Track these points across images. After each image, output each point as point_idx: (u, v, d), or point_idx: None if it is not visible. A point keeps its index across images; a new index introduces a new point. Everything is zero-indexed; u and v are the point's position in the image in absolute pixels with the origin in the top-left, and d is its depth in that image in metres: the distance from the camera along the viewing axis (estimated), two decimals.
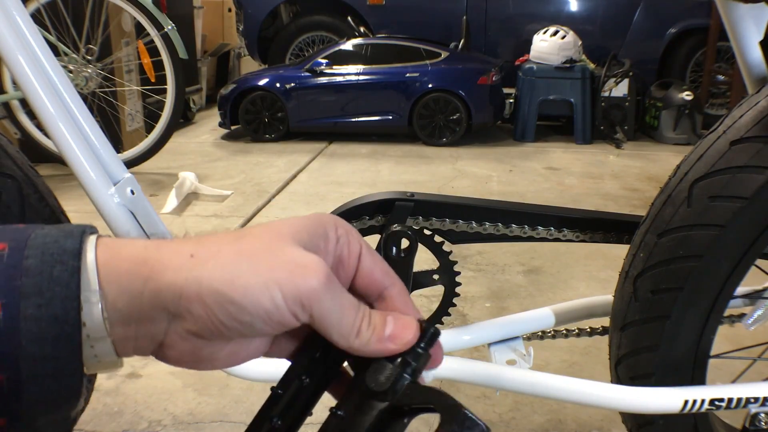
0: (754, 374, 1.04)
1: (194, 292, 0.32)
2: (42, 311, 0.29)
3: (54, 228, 0.32)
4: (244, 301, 0.32)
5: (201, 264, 0.32)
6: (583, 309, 0.93)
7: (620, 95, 4.32)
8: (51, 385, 0.30)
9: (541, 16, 4.81)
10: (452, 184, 3.35)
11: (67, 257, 0.30)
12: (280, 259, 0.33)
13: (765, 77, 0.88)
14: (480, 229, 0.86)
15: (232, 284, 0.32)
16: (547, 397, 0.83)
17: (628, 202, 3.05)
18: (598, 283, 2.12)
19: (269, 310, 0.32)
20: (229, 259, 0.33)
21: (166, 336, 0.33)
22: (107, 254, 0.32)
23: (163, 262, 0.32)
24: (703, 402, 0.79)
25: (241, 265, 0.32)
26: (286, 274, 0.33)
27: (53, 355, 0.30)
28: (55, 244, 0.31)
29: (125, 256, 0.32)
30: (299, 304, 0.33)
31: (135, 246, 0.33)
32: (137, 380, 1.56)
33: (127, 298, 0.32)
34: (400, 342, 0.36)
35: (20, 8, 0.71)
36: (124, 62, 3.57)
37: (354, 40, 4.45)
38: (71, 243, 0.31)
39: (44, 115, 0.71)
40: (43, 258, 0.30)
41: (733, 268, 0.75)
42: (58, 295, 0.30)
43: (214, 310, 0.32)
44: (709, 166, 0.74)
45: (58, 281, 0.30)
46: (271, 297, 0.32)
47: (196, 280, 0.32)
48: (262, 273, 0.32)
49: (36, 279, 0.30)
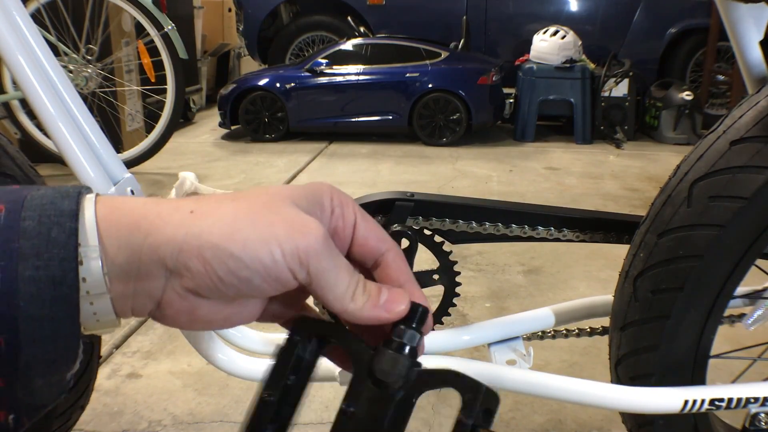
0: (754, 374, 1.04)
1: (194, 246, 0.32)
2: (40, 273, 0.29)
3: (50, 189, 0.32)
4: (243, 255, 0.32)
5: (201, 219, 0.32)
6: (583, 309, 0.93)
7: (620, 95, 4.32)
8: (49, 347, 0.30)
9: (541, 16, 4.81)
10: (452, 184, 3.35)
11: (64, 219, 0.30)
12: (279, 217, 0.33)
13: (765, 77, 0.88)
14: (480, 229, 0.86)
15: (232, 238, 0.32)
16: (547, 397, 0.83)
17: (628, 202, 3.05)
18: (598, 283, 2.12)
19: (268, 265, 0.32)
20: (228, 215, 0.33)
21: (164, 293, 0.33)
22: (106, 210, 0.32)
23: (163, 218, 0.32)
24: (703, 402, 0.79)
25: (240, 221, 0.32)
26: (285, 231, 0.33)
27: (51, 316, 0.30)
28: (52, 205, 0.31)
29: (125, 211, 0.32)
30: (297, 260, 0.33)
31: (135, 203, 0.33)
32: (137, 380, 1.56)
33: (126, 253, 0.32)
34: (394, 311, 0.36)
35: (20, 8, 0.71)
36: (124, 62, 3.57)
37: (354, 40, 4.45)
38: (68, 204, 0.31)
39: (44, 115, 0.71)
40: (40, 219, 0.30)
41: (733, 268, 0.75)
42: (56, 257, 0.30)
43: (213, 265, 0.32)
44: (709, 166, 0.74)
45: (56, 243, 0.30)
46: (270, 251, 0.32)
47: (196, 235, 0.32)
48: (262, 229, 0.32)
49: (34, 241, 0.30)
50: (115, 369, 1.61)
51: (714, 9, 4.19)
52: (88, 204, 0.32)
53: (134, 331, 1.80)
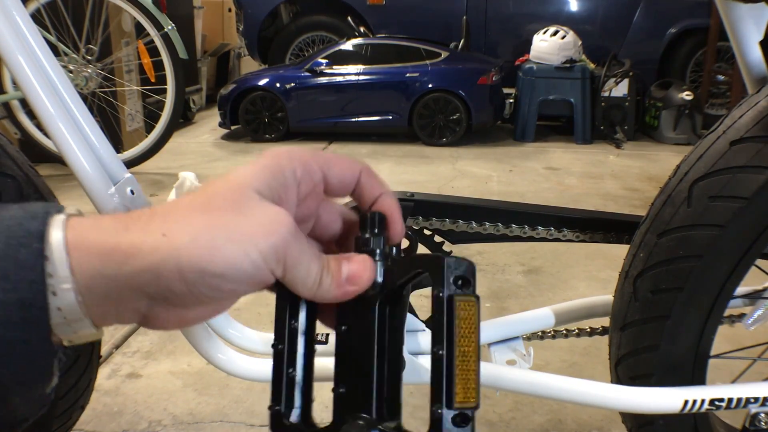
0: (754, 374, 1.04)
1: (174, 271, 0.31)
2: (9, 296, 0.29)
3: (19, 208, 0.31)
4: (227, 272, 0.32)
5: (175, 242, 0.32)
6: (583, 309, 0.93)
7: (620, 95, 4.32)
8: (22, 367, 0.30)
9: (541, 16, 4.81)
10: (452, 184, 3.35)
11: (31, 240, 0.30)
12: (250, 220, 0.33)
13: (765, 77, 0.88)
14: (480, 229, 0.86)
15: (212, 258, 0.32)
16: (547, 397, 0.83)
17: (628, 202, 3.05)
18: (598, 283, 2.12)
19: (251, 272, 0.33)
20: (202, 232, 0.32)
21: (149, 310, 0.33)
22: (76, 237, 0.31)
23: (136, 245, 0.31)
24: (703, 402, 0.79)
25: (216, 237, 0.32)
26: (260, 233, 0.33)
27: (23, 338, 0.29)
28: (20, 226, 0.30)
29: (95, 239, 0.31)
30: (275, 258, 0.34)
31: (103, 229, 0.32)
32: (137, 380, 1.56)
33: (101, 280, 0.31)
34: (359, 282, 0.37)
35: (20, 8, 0.71)
36: (124, 62, 3.57)
37: (354, 40, 4.45)
38: (35, 225, 0.30)
39: (44, 115, 0.71)
40: (7, 241, 0.30)
41: (733, 268, 0.75)
42: (24, 279, 0.29)
43: (197, 285, 0.32)
44: (709, 166, 0.74)
45: (24, 265, 0.29)
46: (251, 261, 0.33)
47: (174, 259, 0.31)
48: (238, 239, 0.33)
49: (1, 263, 0.29)
50: (115, 369, 1.61)
51: (714, 9, 4.19)
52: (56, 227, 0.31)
53: (134, 331, 1.80)
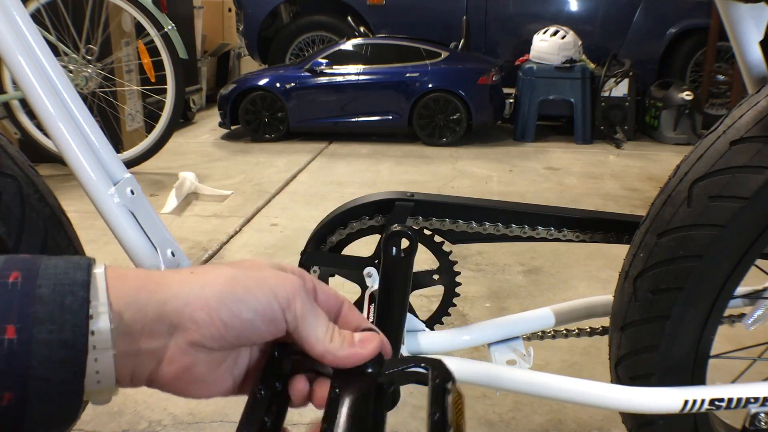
0: (754, 374, 1.04)
1: (199, 298, 0.36)
2: (53, 336, 0.32)
3: (62, 259, 0.35)
4: (245, 297, 0.37)
5: (201, 277, 0.37)
6: (583, 309, 0.93)
7: (620, 95, 4.32)
8: (53, 406, 0.33)
9: (541, 16, 4.81)
10: (452, 184, 3.35)
11: (77, 288, 0.33)
12: (266, 272, 0.39)
13: (765, 77, 0.88)
14: (480, 229, 0.86)
15: (233, 287, 0.37)
16: (547, 397, 0.83)
17: (628, 202, 3.05)
18: (598, 283, 2.13)
19: (265, 304, 0.37)
20: (226, 272, 0.38)
21: (166, 350, 0.36)
22: (116, 273, 0.36)
23: (167, 277, 0.37)
24: (703, 402, 0.79)
25: (237, 275, 0.38)
26: (274, 280, 0.38)
27: (59, 378, 0.32)
28: (66, 275, 0.33)
29: (132, 275, 0.36)
30: (287, 301, 0.38)
31: (139, 269, 0.37)
32: None
33: (133, 309, 0.35)
34: (367, 348, 0.41)
35: (20, 8, 0.71)
36: (124, 62, 3.57)
37: (354, 40, 4.45)
38: (80, 275, 0.34)
39: (44, 115, 0.71)
40: (54, 288, 0.33)
41: (733, 268, 0.75)
42: (68, 322, 0.32)
43: (218, 312, 0.36)
44: (709, 166, 0.74)
45: (69, 309, 0.32)
46: (265, 294, 0.38)
47: (200, 288, 0.37)
48: (256, 279, 0.38)
49: (49, 307, 0.32)
50: None
51: (714, 9, 4.20)
52: (97, 270, 0.35)
53: None
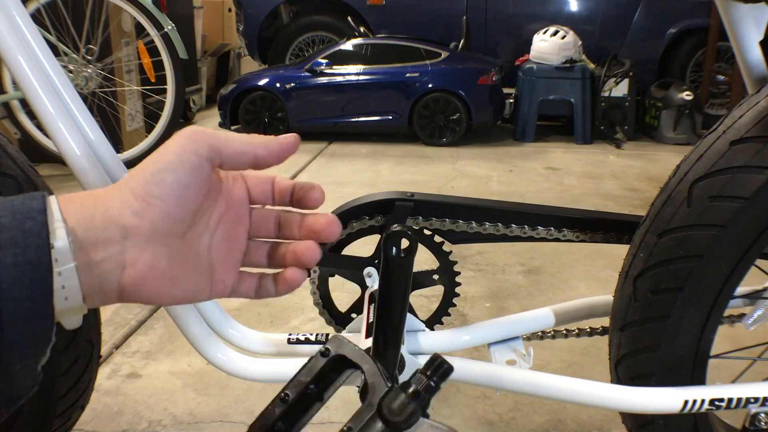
0: (754, 374, 1.04)
1: (130, 194, 0.39)
2: (19, 258, 0.34)
3: (18, 196, 0.37)
4: (160, 166, 0.40)
5: (130, 179, 0.40)
6: (583, 309, 0.93)
7: (620, 95, 4.32)
8: (28, 326, 0.35)
9: (541, 16, 4.81)
10: (452, 184, 3.35)
11: (35, 214, 0.36)
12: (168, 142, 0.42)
13: (765, 77, 0.88)
14: (480, 229, 0.86)
15: (148, 167, 0.40)
16: (547, 397, 0.83)
17: (628, 202, 3.05)
18: (598, 283, 2.12)
19: (178, 159, 0.40)
20: (141, 165, 0.41)
21: (125, 254, 0.39)
22: (66, 197, 0.39)
23: (107, 190, 0.40)
24: (703, 402, 0.79)
25: (148, 160, 0.41)
26: (176, 138, 0.41)
27: (30, 297, 0.34)
28: (23, 205, 0.36)
29: (78, 196, 0.40)
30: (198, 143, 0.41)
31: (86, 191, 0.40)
32: (137, 380, 1.56)
33: (85, 223, 0.38)
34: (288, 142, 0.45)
35: (20, 8, 0.71)
36: (124, 62, 3.57)
37: (354, 40, 4.45)
38: (36, 203, 0.36)
39: (44, 115, 0.71)
40: (14, 216, 0.35)
41: (733, 268, 0.75)
42: (31, 244, 0.35)
43: (148, 192, 0.39)
44: (709, 166, 0.74)
45: (31, 233, 0.35)
46: (174, 150, 0.41)
47: (127, 182, 0.40)
48: (163, 149, 0.41)
49: (11, 233, 0.34)
50: (115, 369, 1.61)
51: (714, 9, 4.20)
52: (52, 200, 0.38)
53: (134, 331, 1.80)
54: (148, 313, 1.89)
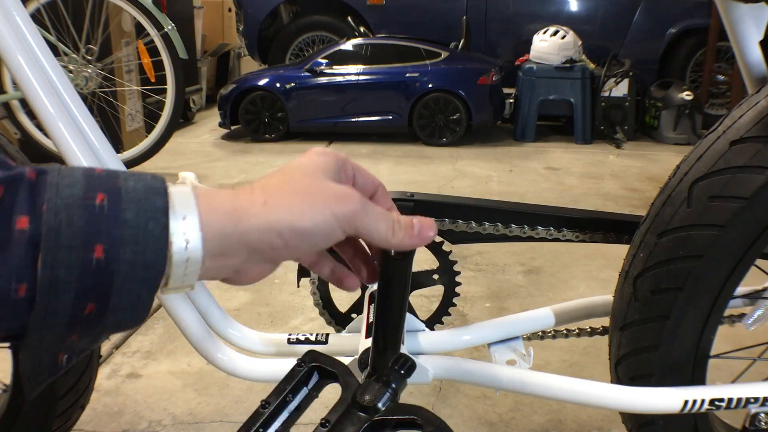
0: (754, 374, 1.04)
1: (274, 229, 0.41)
2: (137, 257, 0.36)
3: (139, 181, 0.38)
4: (311, 228, 0.42)
5: (274, 209, 0.41)
6: (583, 309, 0.93)
7: (620, 95, 4.32)
8: (127, 315, 0.37)
9: (541, 16, 4.81)
10: (452, 184, 3.35)
11: (158, 215, 0.37)
12: (325, 193, 0.43)
13: (765, 77, 0.88)
14: (480, 229, 0.86)
15: (302, 218, 0.41)
16: (547, 397, 0.83)
17: (628, 202, 3.05)
18: (598, 283, 2.13)
19: (327, 232, 0.42)
20: (294, 202, 0.42)
21: (243, 265, 0.42)
22: (206, 203, 0.39)
23: (246, 209, 0.41)
24: (703, 402, 0.79)
25: (304, 203, 0.42)
26: (334, 203, 0.42)
27: (136, 292, 0.36)
28: (147, 201, 0.37)
29: (219, 205, 0.40)
30: (348, 223, 0.43)
31: (223, 197, 0.41)
32: (137, 380, 1.56)
33: (220, 239, 0.40)
34: (425, 238, 0.48)
35: (20, 8, 0.71)
36: (124, 62, 3.57)
37: (354, 40, 4.45)
38: (160, 202, 0.37)
39: (44, 116, 0.71)
40: (138, 213, 0.36)
41: (733, 268, 0.75)
42: (151, 246, 0.36)
43: (290, 240, 0.41)
44: (708, 167, 0.74)
45: (152, 234, 0.36)
46: (329, 224, 0.42)
47: (276, 220, 0.41)
48: (320, 205, 0.42)
49: (133, 230, 0.36)
50: (115, 369, 1.61)
51: (714, 9, 4.19)
52: (184, 199, 0.39)
53: (134, 331, 1.80)
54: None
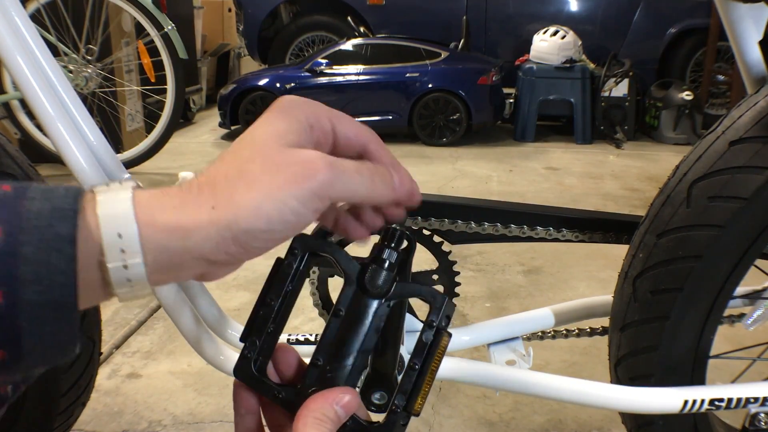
0: (754, 374, 1.04)
1: (228, 238, 0.35)
2: (42, 297, 0.31)
3: (46, 202, 0.32)
4: (272, 226, 0.36)
5: (224, 213, 0.35)
6: (583, 309, 0.93)
7: (620, 95, 4.32)
8: (48, 353, 0.33)
9: (541, 16, 4.81)
10: (452, 184, 3.35)
11: (63, 245, 0.32)
12: (284, 172, 0.36)
13: (764, 77, 0.88)
14: (479, 229, 0.86)
15: (257, 218, 0.35)
16: (547, 397, 0.83)
17: (628, 202, 3.05)
18: (598, 283, 2.12)
19: (293, 221, 0.36)
20: (244, 197, 0.35)
21: (195, 271, 0.37)
22: (146, 218, 0.34)
23: (194, 220, 0.35)
24: (703, 402, 0.79)
25: (257, 198, 0.35)
26: (295, 183, 0.36)
27: (53, 332, 0.32)
28: (50, 229, 0.32)
29: (160, 219, 0.34)
30: (316, 200, 0.36)
31: (165, 207, 0.35)
32: (137, 380, 1.56)
33: (167, 255, 0.35)
34: (406, 188, 0.42)
35: (19, 8, 0.71)
36: (124, 62, 3.57)
37: (354, 40, 4.45)
38: (66, 229, 0.32)
39: (43, 116, 0.71)
40: (39, 246, 0.31)
41: (732, 269, 0.75)
42: (56, 283, 0.31)
43: (250, 243, 0.36)
44: (708, 167, 0.74)
45: (56, 269, 0.31)
46: (292, 210, 0.36)
47: (226, 228, 0.35)
48: (276, 195, 0.35)
49: (34, 267, 0.31)
50: (115, 369, 1.61)
51: (714, 9, 4.19)
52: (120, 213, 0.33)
53: (134, 331, 1.80)
54: (148, 314, 1.89)
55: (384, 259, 0.43)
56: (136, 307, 1.91)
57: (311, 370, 0.42)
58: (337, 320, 0.42)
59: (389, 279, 0.42)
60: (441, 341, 0.43)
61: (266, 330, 0.42)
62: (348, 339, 0.42)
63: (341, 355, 0.42)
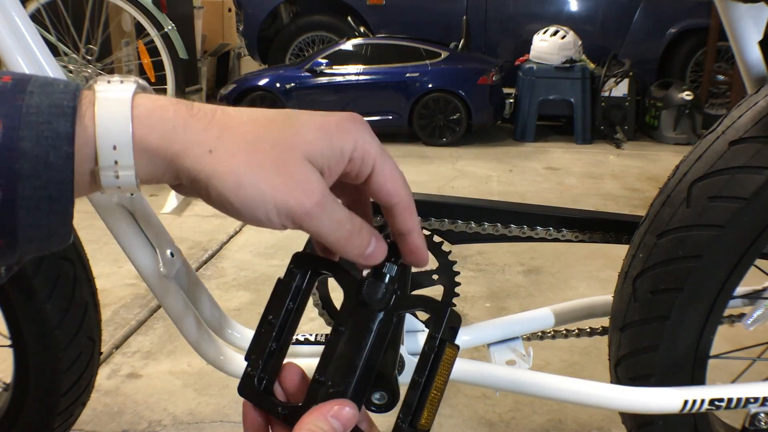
0: (754, 374, 1.04)
1: (204, 185, 0.36)
2: (39, 192, 0.32)
3: (45, 98, 0.33)
4: (241, 209, 0.36)
5: (215, 164, 0.36)
6: (583, 309, 0.93)
7: (620, 95, 4.32)
8: (42, 244, 0.34)
9: (541, 16, 4.81)
10: (452, 184, 3.35)
11: (61, 142, 0.32)
12: (285, 179, 0.36)
13: (764, 77, 0.88)
14: (479, 229, 0.86)
15: (236, 193, 0.36)
16: (547, 397, 0.83)
17: (628, 202, 3.05)
18: (598, 283, 2.12)
19: (261, 220, 0.37)
20: (239, 169, 0.36)
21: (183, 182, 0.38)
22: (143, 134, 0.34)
23: (187, 148, 0.35)
24: (703, 402, 0.79)
25: (247, 176, 0.36)
26: (283, 193, 0.36)
27: (48, 224, 0.33)
28: (48, 126, 0.32)
29: (155, 145, 0.35)
30: (290, 220, 0.37)
31: (165, 130, 0.35)
32: (137, 380, 1.56)
33: (153, 168, 0.35)
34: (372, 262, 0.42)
35: (19, 9, 0.71)
36: (124, 62, 3.57)
37: (354, 40, 4.45)
38: (64, 126, 0.32)
39: None
40: (38, 141, 0.32)
41: (732, 269, 0.75)
42: (53, 180, 0.32)
43: (215, 202, 0.37)
44: (708, 167, 0.74)
45: (54, 166, 0.32)
46: (265, 211, 0.36)
47: (208, 177, 0.36)
48: (264, 188, 0.36)
49: (32, 162, 0.32)
50: (115, 369, 1.61)
51: (714, 9, 4.19)
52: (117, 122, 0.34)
53: (134, 331, 1.80)
54: (148, 313, 1.89)
55: (384, 273, 0.43)
56: (136, 307, 1.91)
57: (313, 387, 0.41)
58: (337, 336, 0.42)
59: (389, 292, 0.42)
60: (444, 354, 0.41)
61: (268, 348, 0.42)
62: (350, 355, 0.41)
63: (343, 371, 0.41)
